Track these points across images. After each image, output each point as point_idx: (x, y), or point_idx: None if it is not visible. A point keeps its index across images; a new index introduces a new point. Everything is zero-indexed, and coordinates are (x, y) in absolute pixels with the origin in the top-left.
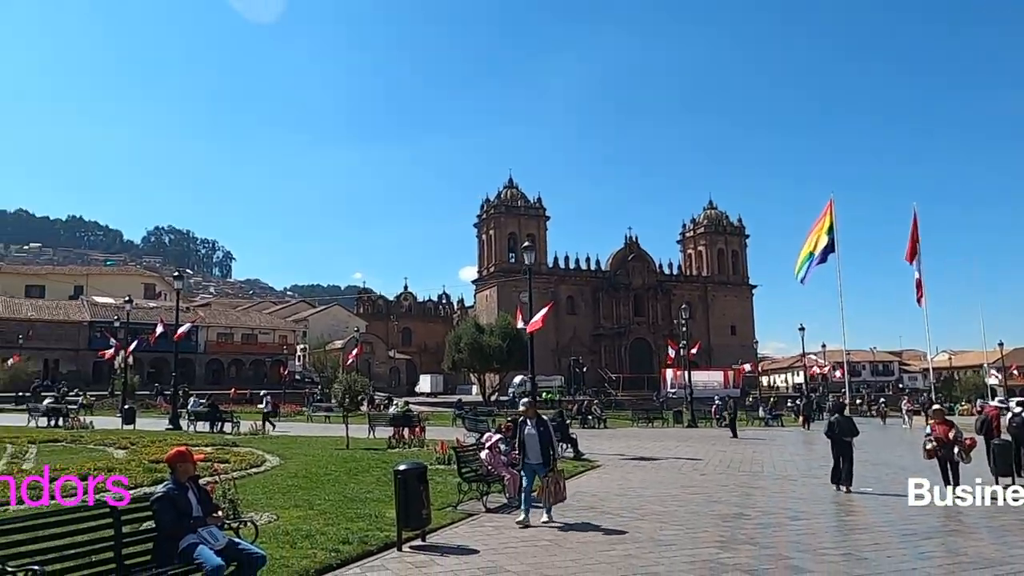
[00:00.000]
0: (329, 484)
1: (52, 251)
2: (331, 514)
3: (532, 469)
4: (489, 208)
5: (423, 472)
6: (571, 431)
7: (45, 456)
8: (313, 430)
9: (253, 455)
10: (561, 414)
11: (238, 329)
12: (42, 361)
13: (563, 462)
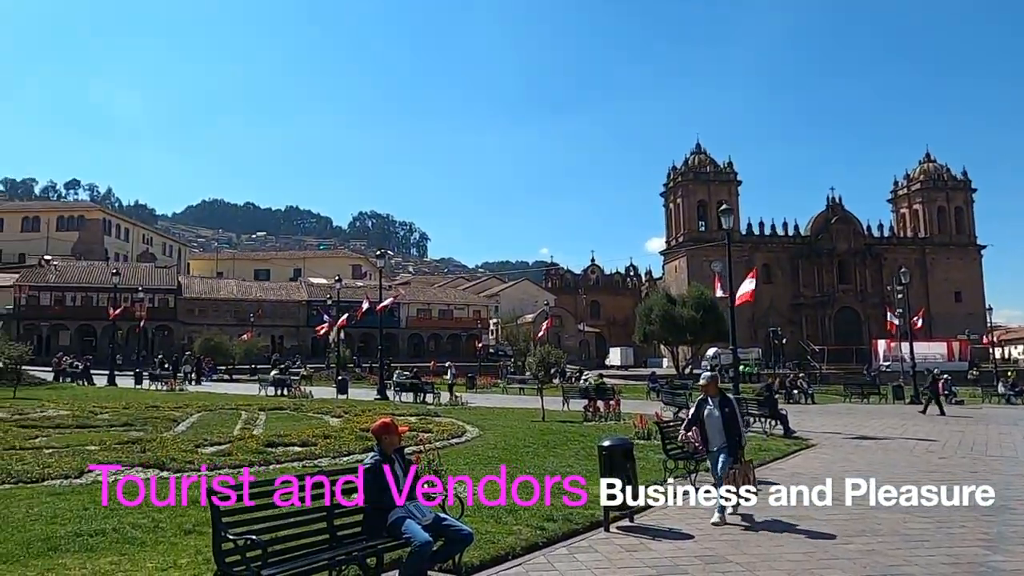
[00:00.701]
0: (528, 457)
1: (275, 238)
2: (531, 488)
3: (715, 458)
4: (676, 175)
5: (629, 448)
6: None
7: (272, 423)
8: (508, 402)
9: (453, 425)
10: (769, 388)
11: (435, 305)
12: (269, 337)
13: (773, 440)
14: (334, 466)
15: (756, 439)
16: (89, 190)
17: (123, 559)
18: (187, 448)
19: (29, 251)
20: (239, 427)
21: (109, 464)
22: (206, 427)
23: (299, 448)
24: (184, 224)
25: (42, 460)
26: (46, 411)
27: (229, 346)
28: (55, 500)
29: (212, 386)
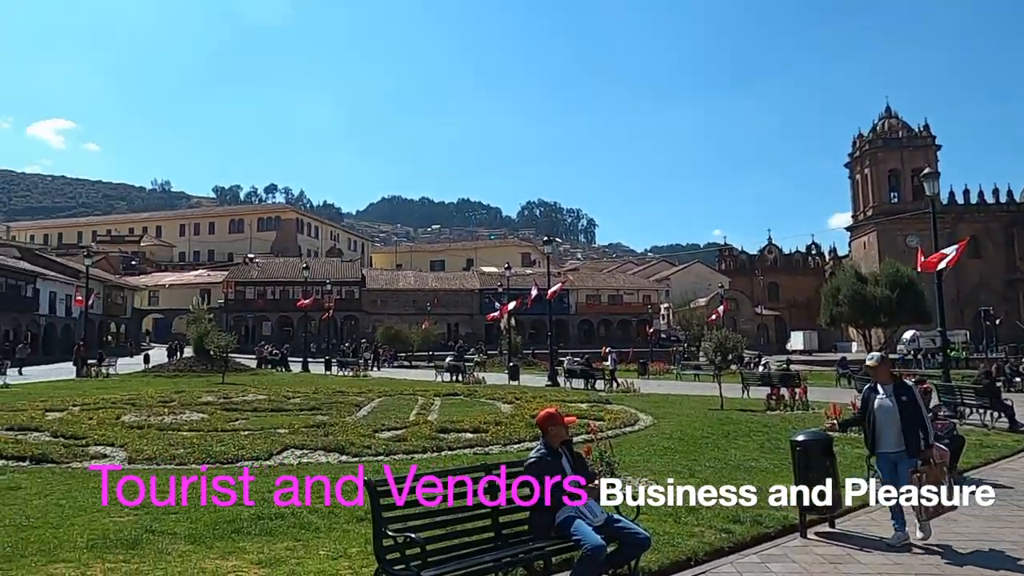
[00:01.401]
0: (708, 448)
1: (448, 230)
2: (715, 484)
3: (890, 461)
4: (863, 144)
5: (828, 444)
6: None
7: (446, 408)
8: (682, 389)
9: (626, 413)
10: (988, 374)
11: (604, 291)
12: (445, 325)
13: (997, 435)
14: (504, 455)
15: (975, 434)
16: (285, 193)
17: (298, 545)
18: (365, 433)
19: (235, 251)
20: (415, 413)
21: (295, 447)
22: (385, 412)
23: (470, 435)
24: (367, 220)
25: (238, 442)
26: (246, 396)
27: (408, 334)
28: (243, 482)
29: (392, 372)
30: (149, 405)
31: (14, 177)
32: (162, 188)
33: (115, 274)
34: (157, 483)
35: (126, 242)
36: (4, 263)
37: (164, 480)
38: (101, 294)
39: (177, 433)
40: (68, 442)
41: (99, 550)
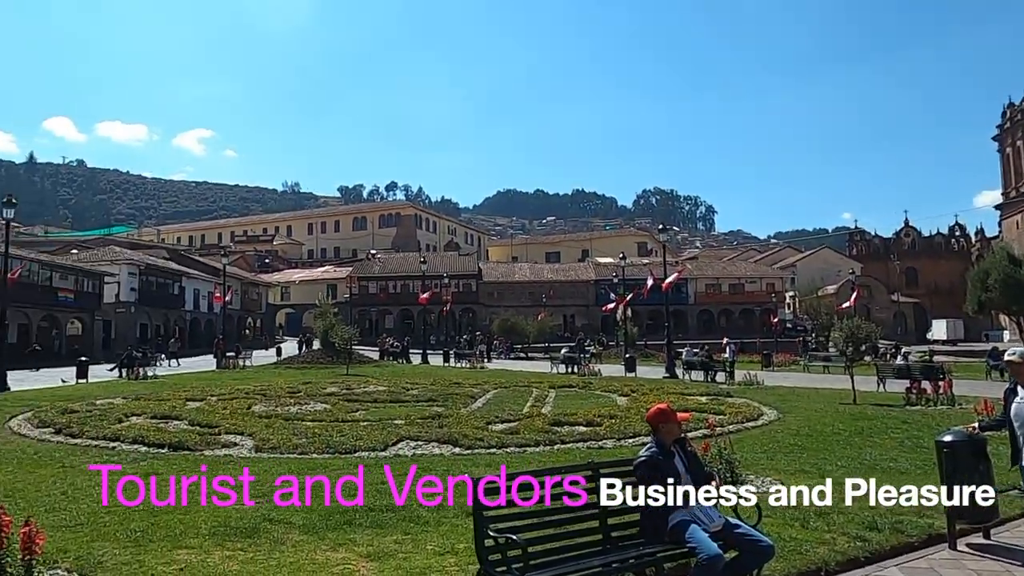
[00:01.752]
0: (839, 446)
1: (563, 222)
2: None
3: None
4: (1014, 113)
5: (981, 445)
6: None
7: (561, 400)
8: (810, 381)
9: (749, 407)
10: None
11: (725, 279)
12: (561, 316)
13: None
14: (619, 450)
15: None
16: (404, 190)
17: (406, 539)
18: (479, 425)
19: (359, 247)
20: (529, 405)
21: (410, 439)
22: (499, 404)
23: (584, 428)
24: (483, 214)
25: (356, 432)
26: (367, 387)
27: (524, 326)
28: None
29: (508, 364)
30: (278, 396)
31: (163, 184)
32: (292, 189)
33: (251, 272)
34: (278, 472)
35: (260, 241)
36: (155, 263)
37: (285, 469)
38: (239, 291)
39: (301, 423)
40: (203, 431)
41: (220, 537)
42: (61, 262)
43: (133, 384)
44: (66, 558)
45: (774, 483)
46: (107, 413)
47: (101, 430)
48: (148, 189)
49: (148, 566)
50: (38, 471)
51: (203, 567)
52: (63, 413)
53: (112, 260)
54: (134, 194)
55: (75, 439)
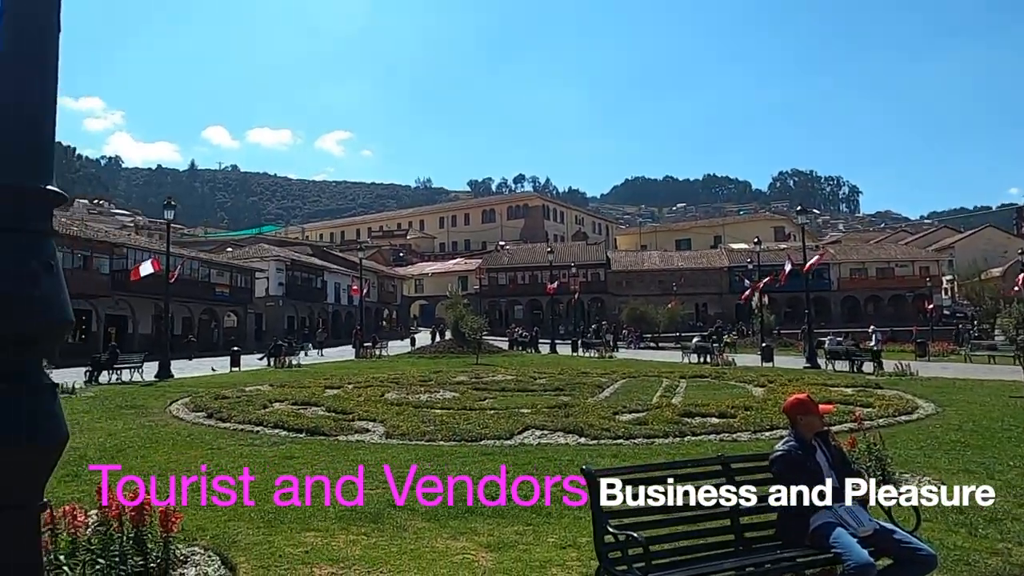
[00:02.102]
0: (1010, 443)
1: (694, 208)
2: (1019, 486)
3: None
4: None
5: None
6: None
7: (692, 391)
8: (972, 372)
9: (901, 400)
10: None
11: (871, 263)
12: (693, 305)
13: None
14: (754, 443)
15: None
16: (532, 182)
17: (528, 530)
18: (606, 415)
19: (488, 239)
20: (658, 395)
21: (536, 427)
22: (627, 394)
23: (716, 420)
24: (610, 203)
25: (482, 421)
26: (496, 376)
27: (654, 315)
28: (484, 460)
29: (637, 353)
30: (409, 384)
31: (306, 185)
32: (424, 185)
33: (387, 265)
34: (407, 459)
35: (394, 236)
36: (299, 259)
37: (413, 456)
38: (375, 284)
39: (430, 410)
40: (338, 416)
41: (345, 521)
42: (218, 260)
43: (279, 372)
44: (204, 536)
45: (933, 483)
46: (253, 399)
47: (247, 415)
48: (293, 190)
49: (277, 546)
50: (189, 452)
51: (327, 550)
52: (216, 399)
53: (262, 257)
54: (281, 195)
55: (224, 423)
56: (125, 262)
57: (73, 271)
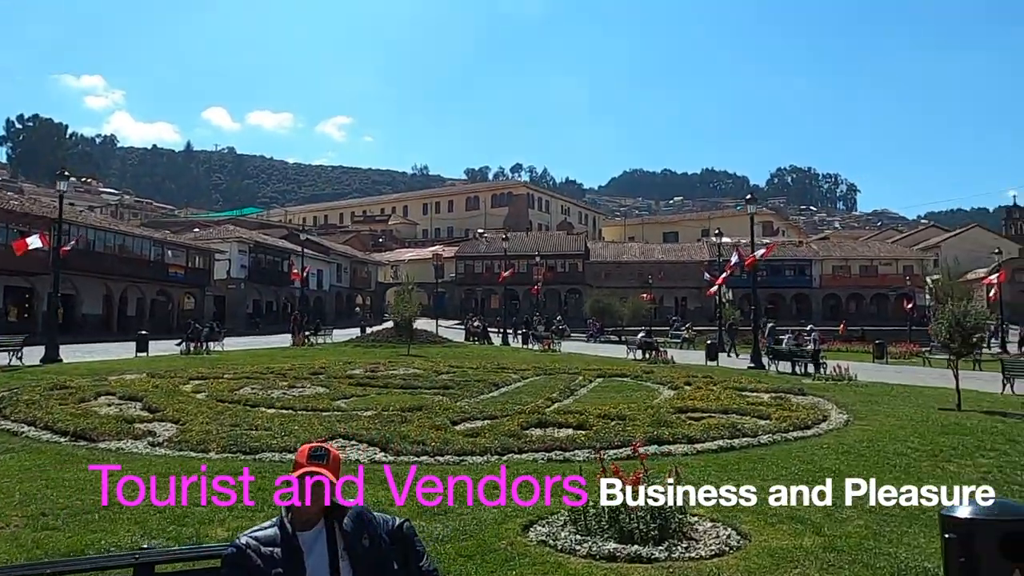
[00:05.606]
0: (893, 473)
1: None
2: (848, 550)
3: None
4: None
5: None
6: None
7: (597, 392)
8: (924, 378)
9: (812, 411)
10: None
11: (855, 261)
12: (672, 298)
13: None
14: (588, 464)
15: None
16: (529, 172)
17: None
18: (441, 424)
19: (472, 227)
20: (546, 398)
21: (343, 437)
22: (516, 395)
23: (566, 432)
24: (608, 195)
25: (286, 428)
26: (397, 370)
27: (618, 308)
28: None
29: (588, 347)
30: (296, 377)
31: (303, 169)
32: (421, 172)
33: (364, 251)
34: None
35: (376, 221)
36: (264, 241)
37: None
38: (348, 269)
39: (264, 410)
40: (133, 417)
41: None
42: (173, 239)
43: (180, 360)
44: None
45: (731, 538)
46: (83, 391)
47: (31, 413)
48: (290, 174)
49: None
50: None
51: None
52: (52, 389)
53: (223, 238)
54: (277, 178)
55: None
56: (69, 238)
57: (6, 246)
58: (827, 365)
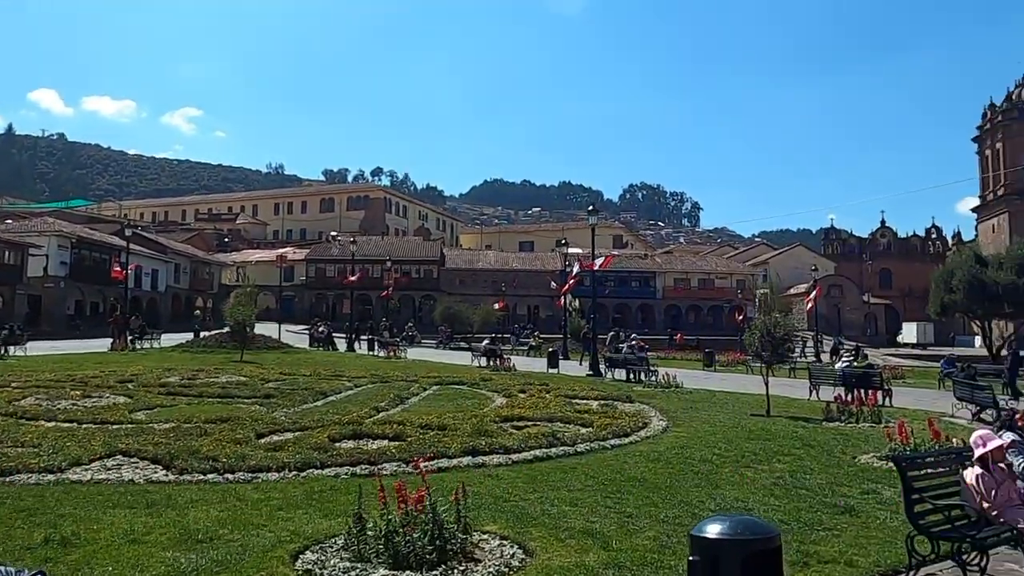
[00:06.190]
0: (694, 480)
1: (549, 213)
2: (630, 565)
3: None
4: (994, 115)
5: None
6: None
7: (430, 400)
8: (746, 385)
9: (634, 418)
10: None
11: (694, 274)
12: (526, 306)
13: None
14: (404, 476)
15: None
16: (390, 176)
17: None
18: (245, 438)
19: (326, 229)
20: (372, 407)
21: (125, 454)
22: (345, 403)
23: (381, 443)
24: (468, 203)
25: (55, 444)
26: (219, 378)
27: (468, 314)
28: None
29: (439, 354)
30: (80, 382)
31: (144, 161)
32: (276, 171)
33: (207, 251)
34: None
35: (223, 220)
36: (89, 237)
37: None
38: (188, 269)
39: (31, 424)
40: None
41: None
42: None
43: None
44: None
45: (515, 555)
46: None
47: None
48: (129, 166)
49: None
50: None
51: None
52: None
53: (40, 232)
54: (115, 170)
55: None
56: None
57: None
58: (658, 372)
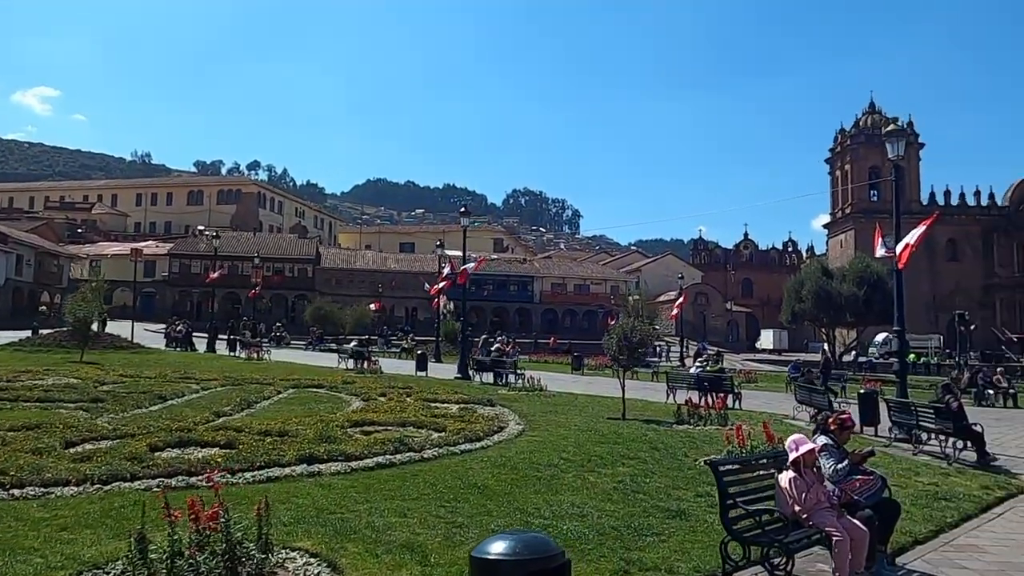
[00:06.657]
0: (536, 486)
1: (432, 215)
2: None
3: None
4: (844, 138)
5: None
6: (967, 417)
7: (285, 403)
8: (609, 388)
9: (490, 421)
10: (949, 388)
11: (571, 279)
12: (404, 308)
13: (960, 475)
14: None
15: (930, 470)
16: (268, 170)
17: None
18: (46, 448)
19: (193, 223)
20: (215, 410)
21: None
22: (185, 407)
23: (207, 452)
24: (350, 202)
25: None
26: (45, 380)
27: (339, 315)
28: None
29: (306, 356)
30: None
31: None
32: (142, 160)
33: (57, 242)
34: None
35: (77, 209)
36: None
37: None
38: (32, 261)
39: None
40: None
41: None
42: None
43: None
44: None
45: (313, 565)
46: None
47: None
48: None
49: None
50: None
51: None
52: None
53: None
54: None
55: None
56: None
57: None
58: (524, 375)
